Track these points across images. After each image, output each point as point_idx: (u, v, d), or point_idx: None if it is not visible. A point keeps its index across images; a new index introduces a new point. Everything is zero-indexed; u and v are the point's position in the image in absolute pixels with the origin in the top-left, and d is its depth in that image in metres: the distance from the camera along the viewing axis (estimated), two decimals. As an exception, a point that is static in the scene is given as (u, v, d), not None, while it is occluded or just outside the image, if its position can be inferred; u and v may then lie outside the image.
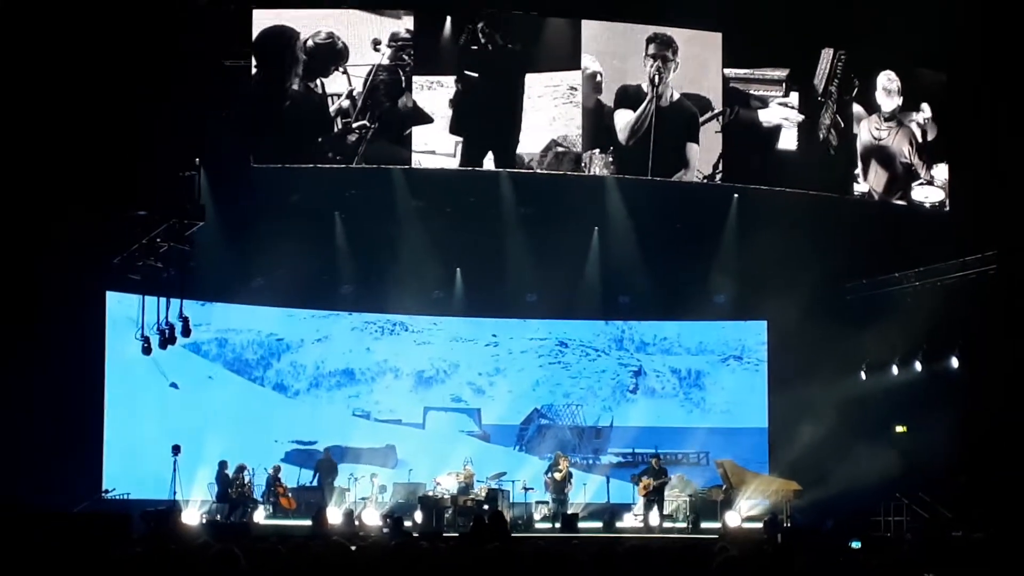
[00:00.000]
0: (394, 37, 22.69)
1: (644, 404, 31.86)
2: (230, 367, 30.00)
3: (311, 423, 30.14)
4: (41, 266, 23.05)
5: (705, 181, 24.07)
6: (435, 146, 23.17)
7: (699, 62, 23.79)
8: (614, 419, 31.90)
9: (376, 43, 22.64)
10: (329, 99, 22.61)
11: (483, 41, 22.94)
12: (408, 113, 22.85)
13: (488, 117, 23.50)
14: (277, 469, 27.63)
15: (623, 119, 23.44)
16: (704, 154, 23.79)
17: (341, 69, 22.58)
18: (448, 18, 22.92)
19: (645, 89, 23.44)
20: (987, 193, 24.71)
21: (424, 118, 22.92)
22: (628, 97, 23.50)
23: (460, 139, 23.16)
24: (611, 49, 23.52)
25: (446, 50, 23.05)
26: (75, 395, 25.54)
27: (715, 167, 23.85)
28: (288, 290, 28.66)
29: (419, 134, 23.04)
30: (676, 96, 23.60)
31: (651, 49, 23.46)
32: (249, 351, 30.25)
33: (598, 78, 23.39)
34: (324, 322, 30.89)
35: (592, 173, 24.02)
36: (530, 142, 23.56)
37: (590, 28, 23.44)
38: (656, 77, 23.41)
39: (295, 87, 22.55)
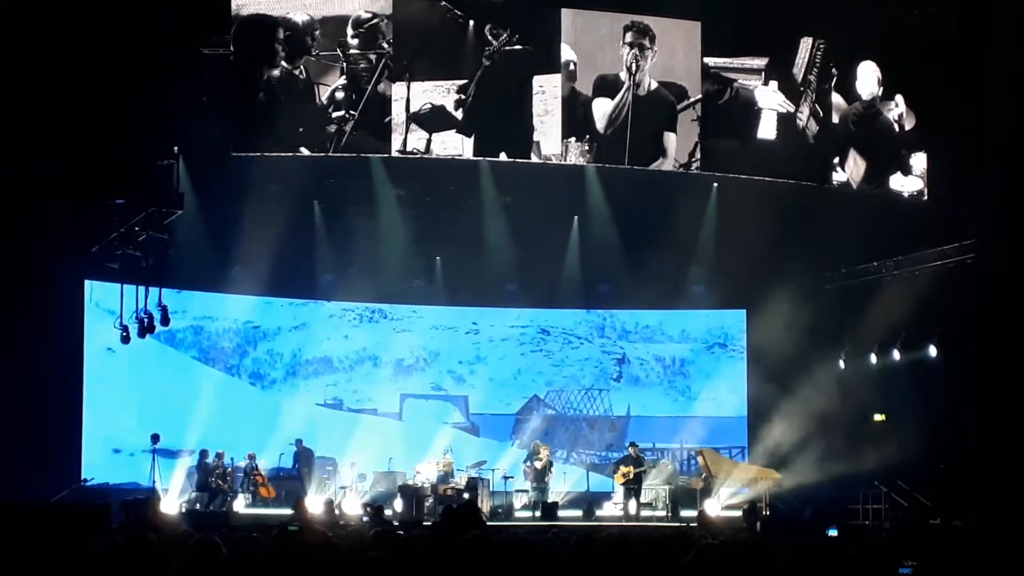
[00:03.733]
0: (357, 23, 22.53)
1: (628, 392, 31.79)
2: (205, 355, 29.93)
3: (275, 417, 29.68)
4: (20, 255, 22.97)
5: (681, 169, 24.05)
6: (450, 145, 23.12)
7: (677, 51, 23.78)
8: (631, 408, 31.73)
9: (354, 29, 22.56)
10: (316, 87, 22.53)
11: (491, 41, 22.88)
12: (386, 101, 22.78)
13: (498, 117, 23.42)
14: (252, 457, 27.58)
15: (601, 108, 23.42)
16: (680, 142, 23.79)
17: (320, 54, 22.50)
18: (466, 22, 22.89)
19: (623, 78, 23.42)
20: (965, 182, 24.78)
21: (440, 123, 22.88)
22: (606, 86, 23.46)
23: (471, 139, 23.14)
24: (588, 38, 23.49)
25: (453, 52, 23.02)
26: (54, 384, 25.46)
27: (691, 155, 23.83)
28: (266, 278, 28.57)
29: (436, 138, 23.02)
30: (654, 85, 23.59)
31: (628, 37, 23.43)
32: (225, 339, 30.16)
33: (572, 66, 23.35)
34: (302, 310, 30.82)
35: (568, 162, 23.99)
36: (551, 143, 23.58)
37: (568, 17, 23.40)
38: (633, 66, 23.39)
39: (276, 74, 22.46)
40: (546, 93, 23.25)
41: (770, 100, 24.06)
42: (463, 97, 22.83)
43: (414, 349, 31.37)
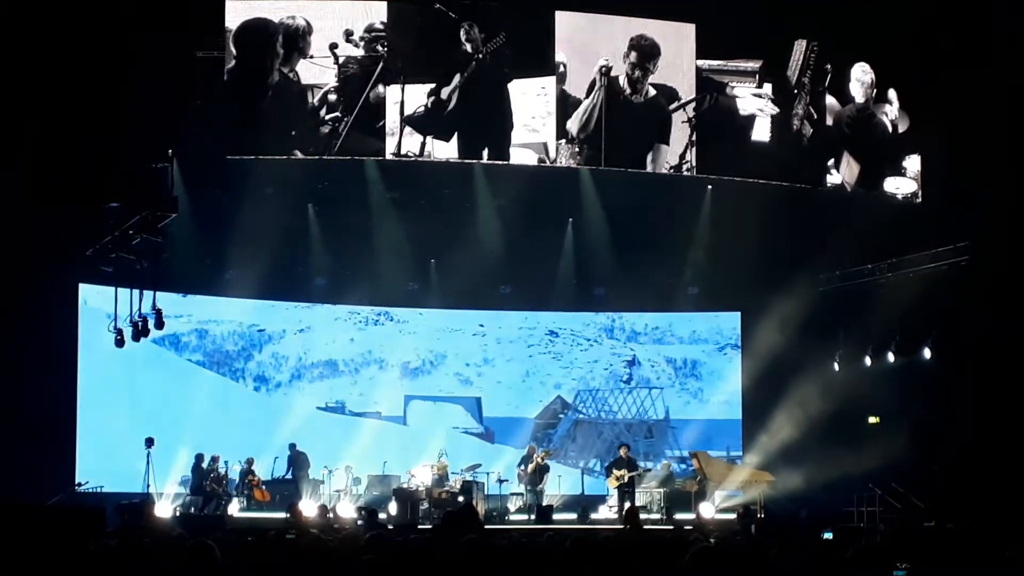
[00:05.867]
0: (369, 28, 22.57)
1: (643, 395, 31.66)
2: (209, 359, 29.91)
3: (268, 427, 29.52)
4: (14, 258, 22.95)
5: (672, 171, 24.01)
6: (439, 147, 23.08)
7: (671, 53, 23.74)
8: (670, 410, 31.46)
9: (349, 34, 22.55)
10: (310, 91, 22.51)
11: (468, 42, 22.83)
12: (381, 105, 22.75)
13: (479, 118, 23.38)
14: (251, 462, 27.57)
15: (579, 110, 23.39)
16: (671, 145, 23.74)
17: (315, 56, 22.47)
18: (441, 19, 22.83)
19: (599, 82, 23.31)
20: (959, 184, 24.79)
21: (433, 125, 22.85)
22: (590, 91, 23.44)
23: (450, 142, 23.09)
24: (583, 40, 23.44)
25: (433, 54, 22.99)
26: (48, 388, 25.44)
27: (682, 157, 23.78)
28: (260, 282, 28.54)
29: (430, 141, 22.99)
30: (652, 92, 23.51)
31: (633, 57, 23.36)
32: (229, 342, 30.12)
33: (562, 68, 23.30)
34: (307, 313, 30.72)
35: (559, 164, 23.97)
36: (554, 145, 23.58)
37: (563, 19, 23.36)
38: (630, 78, 23.30)
39: (272, 79, 22.44)
40: (548, 95, 23.24)
41: (753, 104, 24.04)
42: (442, 99, 22.80)
43: (420, 351, 31.29)
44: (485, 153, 23.78)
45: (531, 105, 23.23)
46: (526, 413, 31.39)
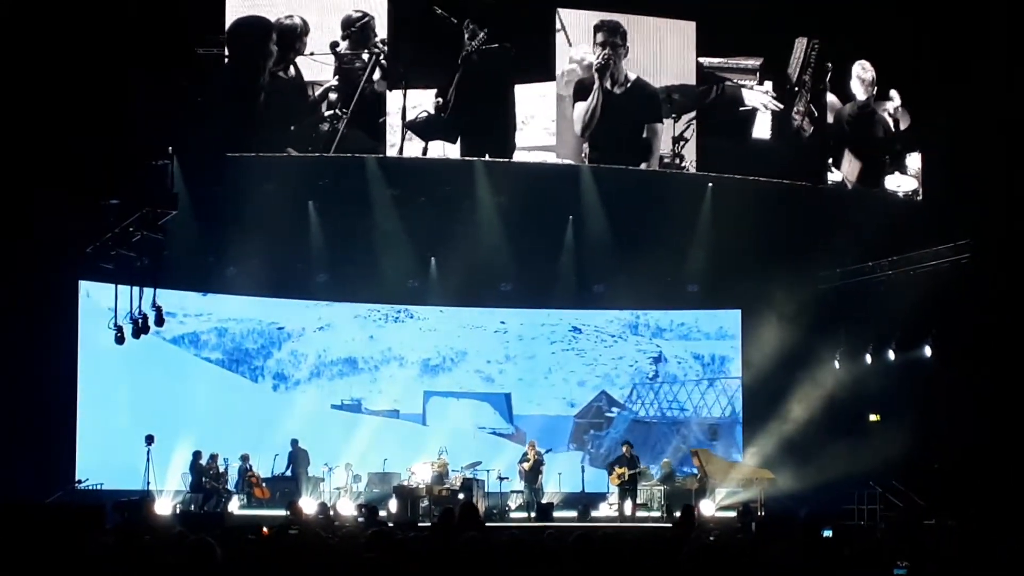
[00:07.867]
0: (347, 22, 22.45)
1: (666, 392, 31.61)
2: (229, 356, 29.85)
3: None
4: (13, 255, 22.93)
5: (668, 159, 23.99)
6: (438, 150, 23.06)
7: (672, 50, 23.74)
8: (735, 407, 31.15)
9: (344, 29, 22.51)
10: (310, 87, 22.48)
11: (470, 41, 22.79)
12: (380, 101, 22.72)
13: (480, 121, 23.36)
14: (245, 458, 27.47)
15: (577, 111, 23.35)
16: (671, 138, 23.72)
17: (311, 54, 22.44)
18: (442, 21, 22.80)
19: (595, 79, 23.32)
20: (960, 182, 24.78)
21: (435, 130, 22.81)
22: (583, 89, 23.44)
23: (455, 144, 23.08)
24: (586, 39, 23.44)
25: (435, 58, 22.97)
26: (48, 385, 25.42)
27: (676, 143, 23.79)
28: (261, 279, 28.47)
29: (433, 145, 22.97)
30: (633, 76, 23.44)
31: (599, 37, 23.33)
32: (249, 340, 30.03)
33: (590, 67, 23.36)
34: (326, 310, 30.54)
35: (592, 164, 24.16)
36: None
37: (570, 17, 23.34)
38: (605, 66, 23.29)
39: (265, 78, 22.40)
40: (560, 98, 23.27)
41: (758, 98, 24.05)
42: (448, 99, 22.78)
43: (440, 348, 31.13)
44: (487, 155, 23.82)
45: (549, 109, 23.23)
46: (550, 410, 31.19)
